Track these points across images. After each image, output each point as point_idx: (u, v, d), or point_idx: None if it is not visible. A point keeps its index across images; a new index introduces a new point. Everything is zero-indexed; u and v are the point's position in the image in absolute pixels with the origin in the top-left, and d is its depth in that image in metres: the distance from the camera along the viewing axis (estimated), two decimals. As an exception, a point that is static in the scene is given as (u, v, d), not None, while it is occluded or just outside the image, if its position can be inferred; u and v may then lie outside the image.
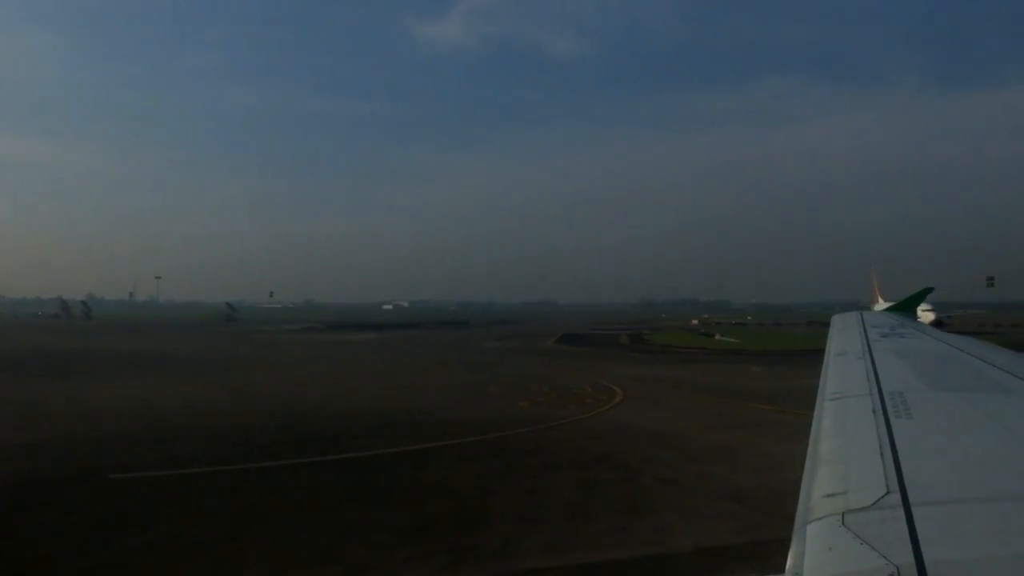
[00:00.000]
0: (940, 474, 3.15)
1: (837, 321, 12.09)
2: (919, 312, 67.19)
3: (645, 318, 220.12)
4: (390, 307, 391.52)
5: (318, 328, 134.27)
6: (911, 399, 4.67)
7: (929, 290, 18.61)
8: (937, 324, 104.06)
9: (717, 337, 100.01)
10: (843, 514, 2.63)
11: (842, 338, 9.29)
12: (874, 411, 4.34)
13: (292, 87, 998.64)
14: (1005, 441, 3.83)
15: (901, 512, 2.57)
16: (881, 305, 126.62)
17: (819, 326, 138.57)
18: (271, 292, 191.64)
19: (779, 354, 68.74)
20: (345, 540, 15.24)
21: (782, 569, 2.46)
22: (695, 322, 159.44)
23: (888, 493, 2.79)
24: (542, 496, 18.47)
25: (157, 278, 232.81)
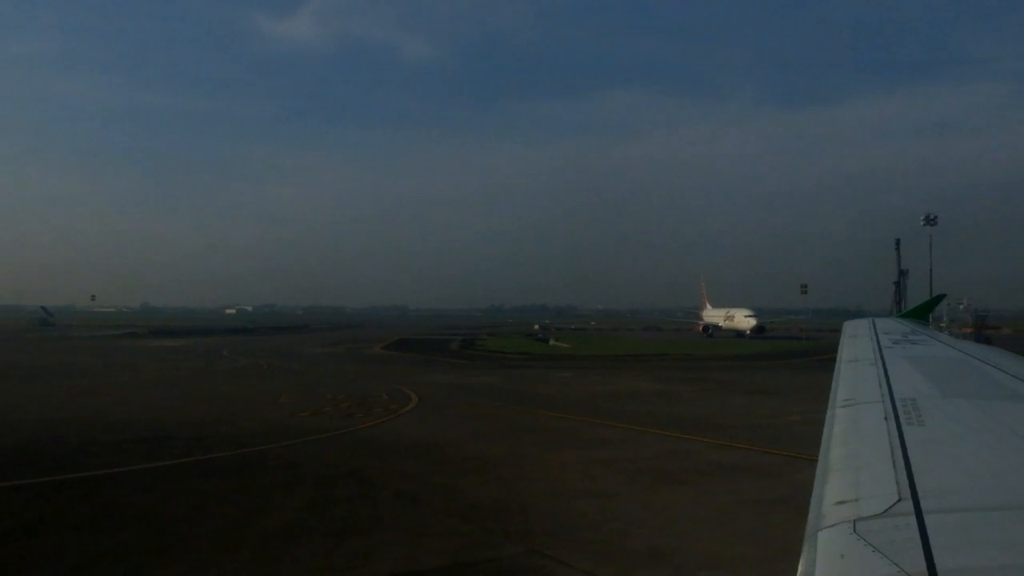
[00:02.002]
0: (953, 482, 3.11)
1: (848, 328, 11.84)
2: (742, 317, 70.01)
3: (491, 323, 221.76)
4: (233, 312, 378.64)
5: (139, 334, 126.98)
6: (923, 406, 4.61)
7: (941, 297, 18.06)
8: (759, 330, 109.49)
9: (551, 342, 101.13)
10: (855, 521, 2.56)
11: (854, 344, 9.05)
12: (886, 418, 4.28)
13: (130, 80, 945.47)
14: (1018, 449, 3.77)
15: (913, 520, 2.51)
16: (709, 311, 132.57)
17: (655, 331, 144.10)
18: (93, 296, 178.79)
19: (603, 359, 69.83)
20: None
21: None
22: (536, 327, 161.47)
23: (900, 500, 2.73)
24: (260, 518, 16.90)
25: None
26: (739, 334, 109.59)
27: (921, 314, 15.80)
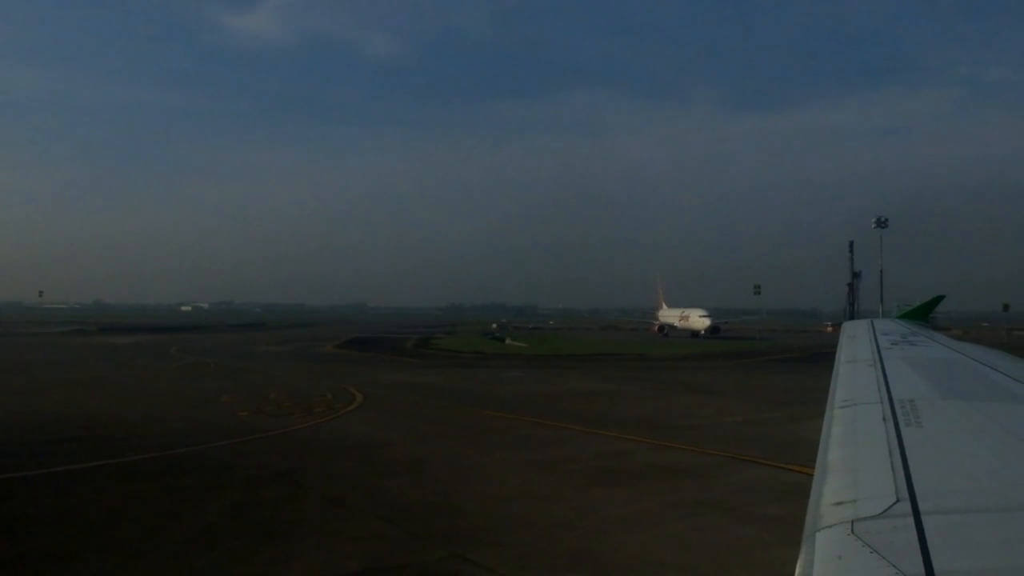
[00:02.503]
0: (951, 483, 3.11)
1: (848, 328, 11.80)
2: (697, 317, 70.39)
3: (450, 322, 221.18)
4: (188, 309, 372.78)
5: (88, 331, 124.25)
6: (922, 407, 4.60)
7: (941, 298, 18.20)
8: (713, 330, 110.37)
9: (507, 341, 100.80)
10: (852, 522, 2.54)
11: (852, 345, 9.01)
12: (884, 419, 4.25)
13: (84, 73, 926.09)
14: (1016, 450, 3.78)
15: (911, 521, 2.49)
16: (665, 311, 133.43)
17: (612, 331, 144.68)
18: (40, 292, 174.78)
19: (556, 358, 69.73)
20: None
21: None
22: (494, 326, 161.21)
23: (898, 502, 2.72)
24: (178, 522, 16.34)
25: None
26: (694, 334, 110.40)
27: (920, 315, 15.79)
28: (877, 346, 8.62)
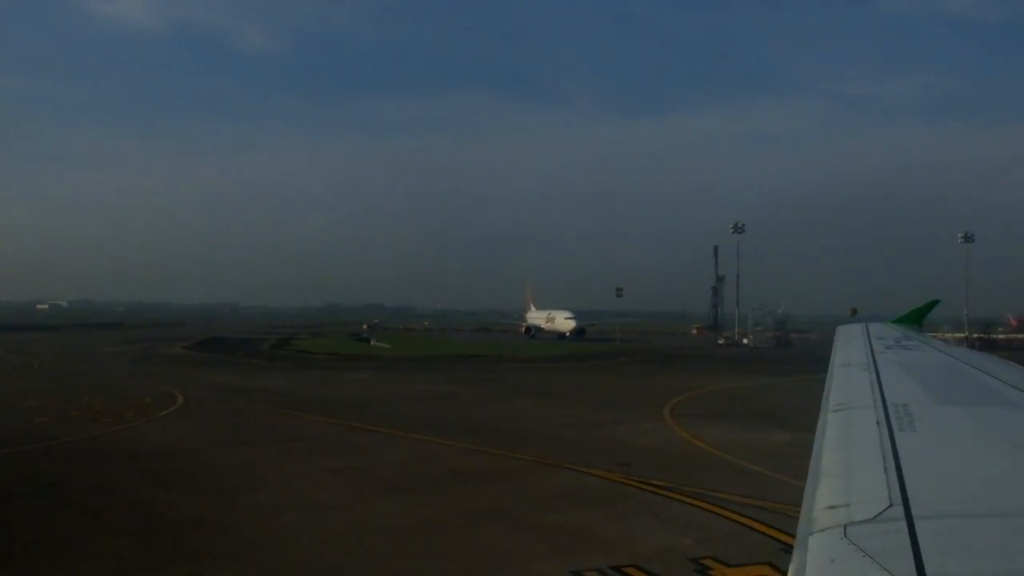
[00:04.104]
0: (944, 488, 3.12)
1: (842, 332, 11.69)
2: (562, 319, 70.26)
3: (323, 322, 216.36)
4: (45, 307, 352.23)
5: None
6: (915, 412, 4.60)
7: (936, 303, 17.85)
8: (578, 332, 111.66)
9: (372, 343, 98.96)
10: (845, 526, 2.51)
11: (846, 349, 8.93)
12: (878, 423, 4.23)
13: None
14: (1010, 455, 3.78)
15: (904, 525, 2.47)
16: (533, 313, 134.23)
17: (484, 332, 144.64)
18: None
19: (414, 360, 68.77)
20: None
21: None
22: (365, 326, 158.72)
23: (891, 506, 2.68)
24: None
25: None
26: (560, 336, 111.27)
27: (915, 320, 15.76)
28: (871, 350, 8.60)
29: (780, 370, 58.75)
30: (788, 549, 14.93)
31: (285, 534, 15.66)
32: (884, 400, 5.02)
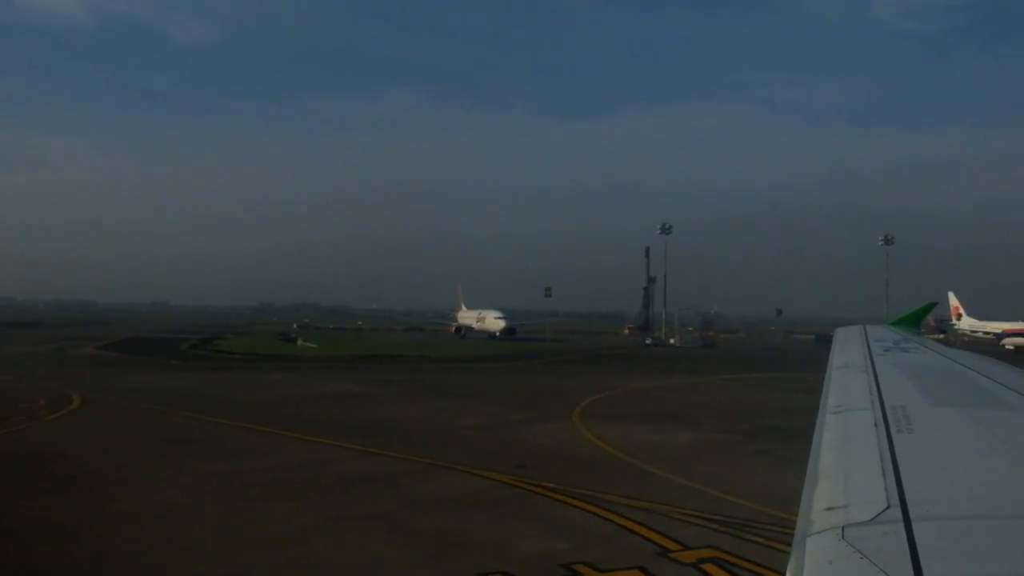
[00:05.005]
0: (941, 489, 3.12)
1: (840, 334, 11.69)
2: (492, 319, 69.65)
3: (254, 321, 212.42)
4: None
5: None
6: (913, 414, 4.59)
7: (933, 305, 17.62)
8: (509, 331, 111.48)
9: (299, 343, 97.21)
10: (843, 528, 2.52)
11: (845, 351, 8.94)
12: (876, 425, 4.21)
13: None
14: (1007, 458, 3.78)
15: (901, 527, 2.48)
16: (464, 312, 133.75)
17: (417, 332, 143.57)
18: None
19: (337, 360, 67.54)
20: None
21: None
22: (295, 326, 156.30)
23: (889, 508, 2.69)
24: None
25: None
26: (491, 335, 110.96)
27: (912, 322, 15.63)
28: (869, 352, 8.58)
29: (700, 370, 59.39)
30: (664, 552, 14.78)
31: (144, 544, 14.88)
32: (882, 402, 5.05)
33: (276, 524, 16.34)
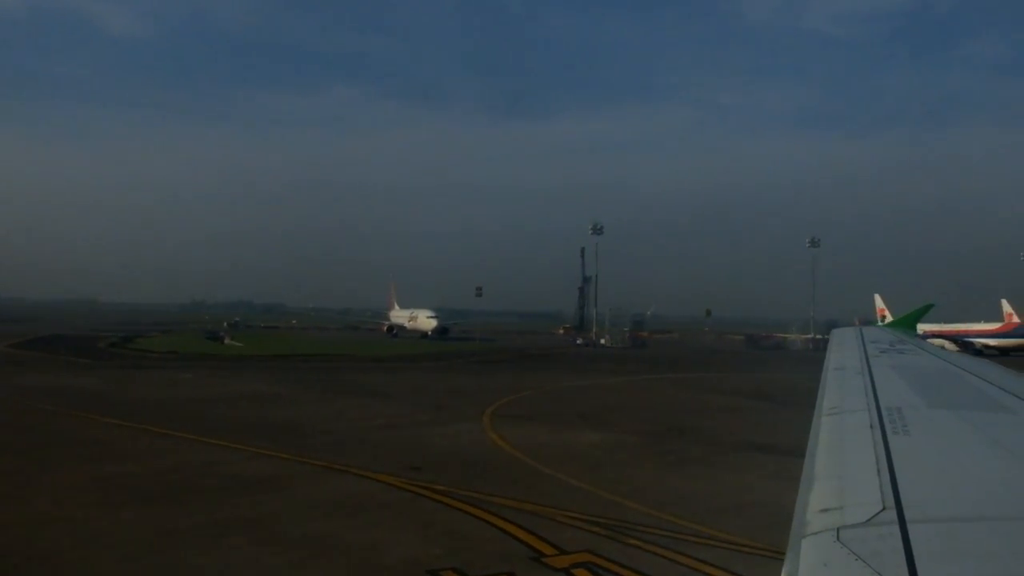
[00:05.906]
0: (937, 491, 3.14)
1: (836, 336, 11.74)
2: (424, 318, 68.96)
3: (183, 319, 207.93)
4: None
5: None
6: (909, 416, 4.59)
7: (930, 306, 17.40)
8: (441, 331, 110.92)
9: (227, 341, 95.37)
10: (838, 529, 2.52)
11: (841, 353, 9.00)
12: (871, 427, 4.24)
13: None
14: (1003, 460, 3.78)
15: (897, 529, 2.49)
16: (396, 311, 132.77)
17: (351, 331, 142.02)
18: None
19: (260, 359, 66.38)
20: None
21: None
22: (226, 324, 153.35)
23: (884, 509, 2.70)
24: None
25: None
26: (423, 335, 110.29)
27: (909, 323, 15.54)
28: (865, 354, 8.61)
29: (625, 370, 59.80)
30: (539, 557, 14.52)
31: (-6, 553, 14.08)
32: (878, 403, 5.05)
33: (146, 530, 15.66)
